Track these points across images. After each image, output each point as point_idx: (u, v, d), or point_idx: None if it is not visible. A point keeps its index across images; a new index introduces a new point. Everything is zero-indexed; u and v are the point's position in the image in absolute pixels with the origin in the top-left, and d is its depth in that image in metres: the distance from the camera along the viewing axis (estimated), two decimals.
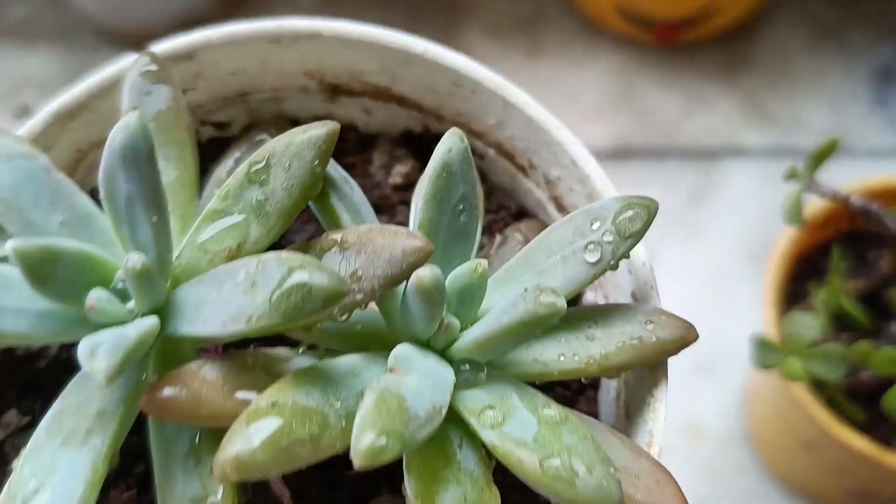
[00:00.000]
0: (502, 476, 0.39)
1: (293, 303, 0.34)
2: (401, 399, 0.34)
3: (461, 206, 0.43)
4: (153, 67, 0.47)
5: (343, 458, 0.39)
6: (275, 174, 0.41)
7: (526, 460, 0.36)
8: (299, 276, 0.34)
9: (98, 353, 0.34)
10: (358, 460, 0.32)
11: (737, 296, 1.11)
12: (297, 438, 0.34)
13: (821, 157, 0.72)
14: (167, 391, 0.36)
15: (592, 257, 0.42)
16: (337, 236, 0.40)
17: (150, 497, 0.44)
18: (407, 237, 0.38)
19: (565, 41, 1.28)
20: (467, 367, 0.40)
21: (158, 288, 0.38)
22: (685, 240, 1.15)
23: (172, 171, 0.45)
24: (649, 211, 0.43)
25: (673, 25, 1.22)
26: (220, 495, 0.37)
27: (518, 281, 0.44)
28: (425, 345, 0.41)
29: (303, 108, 0.59)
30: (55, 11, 1.59)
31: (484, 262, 0.41)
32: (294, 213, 0.41)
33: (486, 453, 0.39)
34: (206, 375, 0.37)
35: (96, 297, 0.37)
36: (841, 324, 0.83)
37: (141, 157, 0.37)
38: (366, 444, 0.32)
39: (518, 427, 0.37)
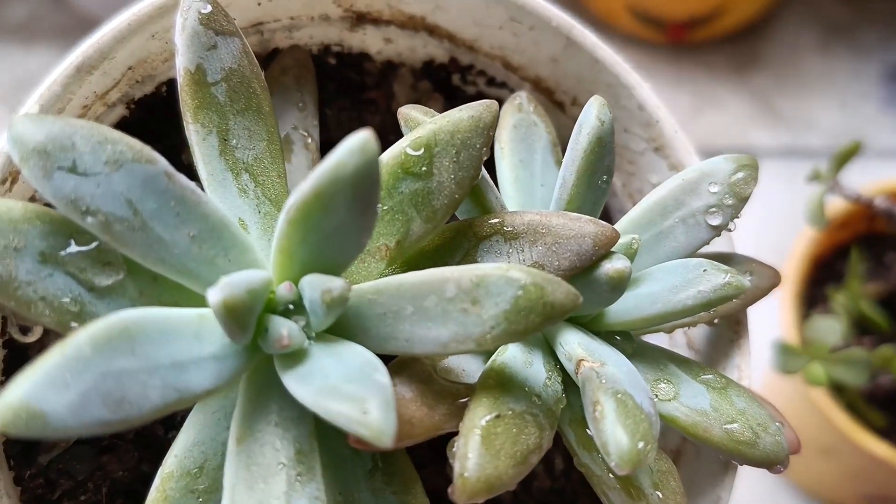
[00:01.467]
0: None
1: (532, 322, 0.31)
2: (630, 397, 0.34)
3: (604, 177, 0.41)
4: (211, 11, 0.39)
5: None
6: (439, 165, 0.37)
7: (711, 428, 0.37)
8: (535, 292, 0.31)
9: (369, 408, 0.29)
10: (623, 468, 0.31)
11: None
12: (528, 447, 0.33)
13: (844, 158, 0.71)
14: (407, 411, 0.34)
15: (715, 220, 0.42)
16: (495, 221, 0.37)
17: None
18: (594, 224, 0.36)
19: None
20: (618, 338, 0.40)
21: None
22: None
23: (258, 144, 0.39)
24: (757, 171, 0.43)
25: (683, 24, 1.20)
26: None
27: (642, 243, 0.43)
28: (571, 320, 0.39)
29: (314, 36, 0.55)
30: (55, 11, 1.57)
31: (637, 237, 0.39)
32: (460, 203, 0.38)
33: None
34: (404, 395, 0.35)
35: (288, 331, 0.32)
36: (860, 327, 0.82)
37: (372, 189, 0.31)
38: (630, 449, 0.31)
39: (692, 396, 0.38)
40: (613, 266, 0.36)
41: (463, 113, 0.38)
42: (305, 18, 0.54)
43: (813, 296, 0.89)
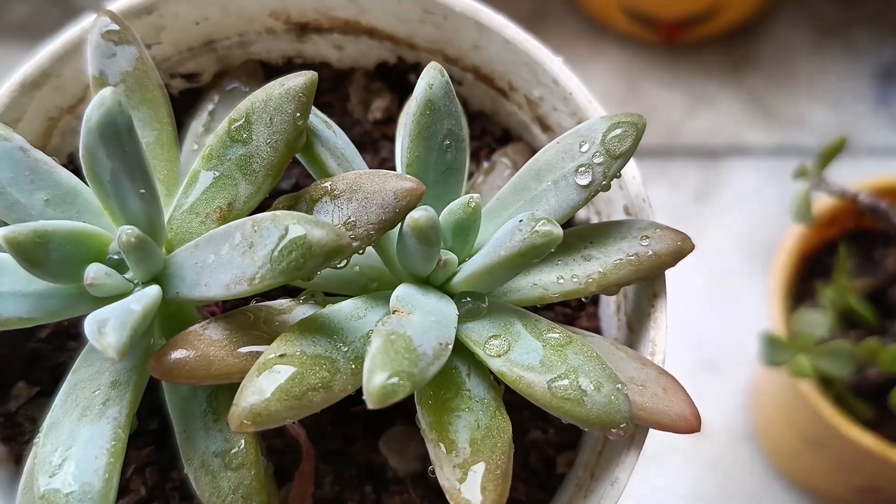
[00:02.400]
0: (511, 395, 0.39)
1: (294, 260, 0.34)
2: (408, 339, 0.34)
3: (447, 142, 0.42)
4: (114, 27, 0.45)
5: (355, 396, 0.40)
6: (257, 131, 0.40)
7: (535, 384, 0.36)
8: (296, 232, 0.34)
9: (106, 330, 0.34)
10: (371, 402, 0.32)
11: (740, 294, 1.11)
12: (309, 386, 0.34)
13: (829, 155, 0.72)
14: (175, 354, 0.37)
15: (584, 180, 0.42)
16: (326, 185, 0.40)
17: (168, 451, 0.45)
18: (397, 179, 0.38)
19: (568, 40, 1.28)
20: (468, 299, 0.40)
21: (155, 257, 0.38)
22: None
23: (149, 133, 0.44)
24: (637, 128, 0.42)
25: (677, 24, 1.21)
26: (242, 446, 0.38)
27: (511, 210, 0.43)
28: (425, 282, 0.41)
29: (272, 50, 0.57)
30: (57, 10, 1.58)
31: (476, 196, 0.41)
32: (281, 167, 0.41)
33: (495, 379, 0.39)
34: (211, 335, 0.38)
35: (95, 273, 0.37)
36: (848, 322, 0.83)
37: (121, 132, 0.36)
38: (377, 384, 0.32)
39: (524, 353, 0.38)
40: (412, 216, 0.37)
41: (276, 83, 0.41)
42: (253, 34, 0.56)
43: (801, 291, 0.90)
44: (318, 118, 0.43)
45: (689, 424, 0.40)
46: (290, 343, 0.36)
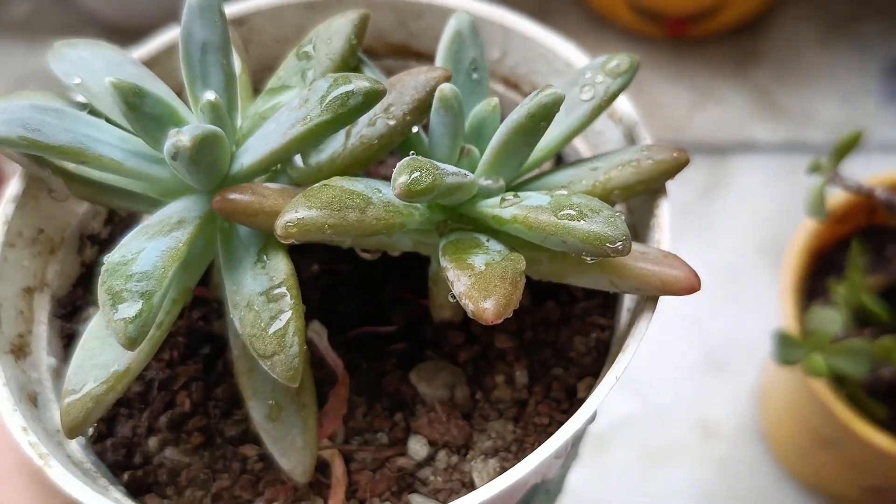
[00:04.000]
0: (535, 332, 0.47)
1: (339, 99, 0.40)
2: (430, 160, 0.39)
3: (473, 67, 0.48)
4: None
5: (390, 337, 0.49)
6: (318, 49, 0.47)
7: (542, 216, 0.39)
8: (342, 81, 0.40)
9: (183, 132, 0.40)
10: (398, 192, 0.37)
11: (749, 291, 1.09)
12: (346, 205, 0.39)
13: (844, 150, 0.70)
14: (235, 195, 0.42)
15: (586, 95, 0.46)
16: None
17: (216, 373, 0.50)
18: (429, 70, 0.44)
19: (573, 35, 1.25)
20: (489, 181, 0.43)
21: (227, 126, 0.43)
22: (696, 235, 1.13)
23: (237, 63, 0.49)
24: (631, 59, 0.47)
25: (682, 19, 1.20)
26: (283, 278, 0.41)
27: None
28: None
29: None
30: (58, 7, 1.56)
31: (495, 99, 0.45)
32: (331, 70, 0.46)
33: (511, 249, 0.42)
34: (269, 186, 0.43)
35: (176, 130, 0.41)
36: (861, 320, 0.81)
37: (214, 9, 0.42)
38: (403, 181, 0.37)
39: (534, 201, 0.41)
40: (439, 89, 0.42)
41: (340, 14, 0.48)
42: None
43: (813, 288, 0.88)
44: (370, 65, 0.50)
45: (690, 282, 0.44)
46: (332, 181, 0.41)
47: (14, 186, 0.50)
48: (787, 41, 1.25)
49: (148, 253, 0.40)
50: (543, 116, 0.41)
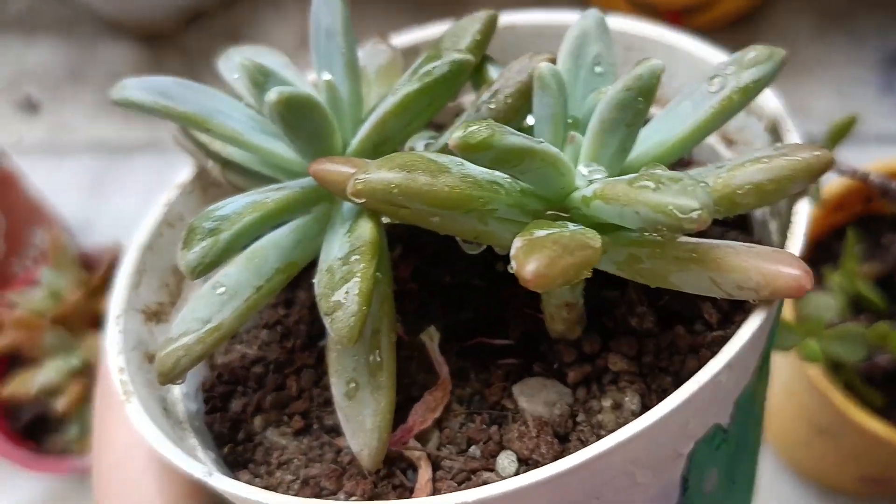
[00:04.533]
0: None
1: (427, 71, 0.41)
2: (500, 124, 0.37)
3: (597, 62, 0.44)
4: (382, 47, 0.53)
5: (504, 350, 0.47)
6: (445, 45, 0.47)
7: (617, 187, 0.36)
8: (433, 59, 0.42)
9: (273, 90, 0.40)
10: (452, 143, 0.35)
11: None
12: (420, 168, 0.37)
13: (839, 133, 0.70)
14: (328, 163, 0.42)
15: (714, 88, 0.41)
16: (489, 83, 0.45)
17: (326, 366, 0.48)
18: (534, 56, 0.43)
19: None
20: (589, 168, 0.40)
21: (345, 107, 0.45)
22: None
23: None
24: (773, 52, 0.42)
25: (678, 12, 1.20)
26: (361, 246, 0.41)
27: (649, 124, 0.44)
28: None
29: None
30: (55, 3, 1.56)
31: (608, 87, 0.41)
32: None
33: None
34: (366, 161, 0.42)
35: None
36: (856, 307, 0.81)
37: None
38: (458, 134, 0.35)
39: (618, 178, 0.38)
40: (537, 66, 0.40)
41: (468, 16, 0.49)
42: None
43: None
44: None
45: (797, 280, 0.37)
46: (416, 152, 0.41)
47: (182, 175, 0.53)
48: (783, 33, 1.24)
49: (235, 203, 0.42)
50: (641, 90, 0.37)
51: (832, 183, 0.84)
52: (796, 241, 0.41)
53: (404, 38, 0.56)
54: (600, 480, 0.38)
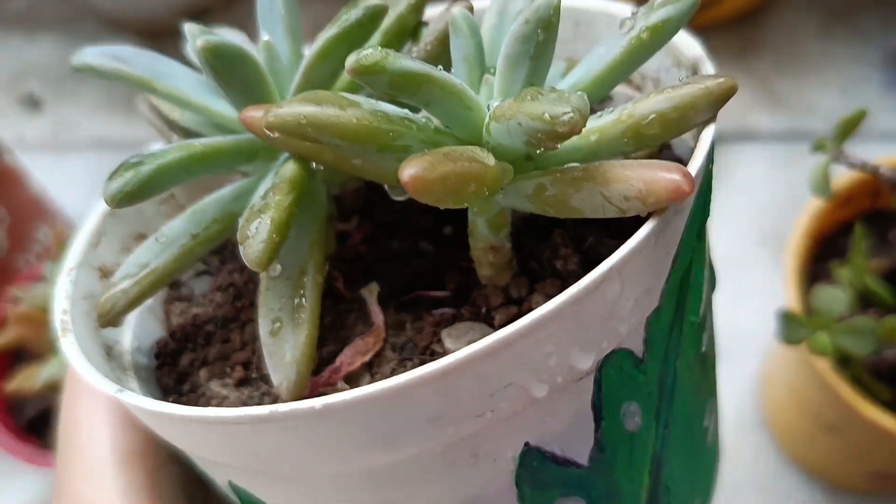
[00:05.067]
0: None
1: (344, 17, 0.42)
2: (400, 53, 0.38)
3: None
4: None
5: (438, 303, 0.46)
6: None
7: (505, 103, 0.37)
8: (353, 6, 0.42)
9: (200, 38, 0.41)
10: (347, 68, 0.35)
11: (749, 281, 1.08)
12: (330, 102, 0.37)
13: (849, 127, 0.69)
14: (253, 109, 0.42)
15: (625, 29, 0.41)
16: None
17: None
18: (452, 4, 0.42)
19: None
20: (497, 101, 0.40)
21: (283, 67, 0.45)
22: None
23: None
24: None
25: None
26: (280, 184, 0.41)
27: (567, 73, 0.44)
28: None
29: None
30: (57, 0, 1.55)
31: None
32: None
33: None
34: None
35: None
36: (864, 303, 0.80)
37: None
38: (353, 58, 0.35)
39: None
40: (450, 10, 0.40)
41: None
42: None
43: (815, 272, 0.88)
44: None
45: (674, 183, 0.37)
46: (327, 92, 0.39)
47: (150, 148, 0.54)
48: (787, 30, 1.24)
49: (167, 146, 0.43)
50: (538, 21, 0.37)
51: (839, 178, 0.84)
52: (696, 160, 0.40)
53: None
54: (491, 387, 0.37)
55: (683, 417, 0.49)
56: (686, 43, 0.48)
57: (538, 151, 0.40)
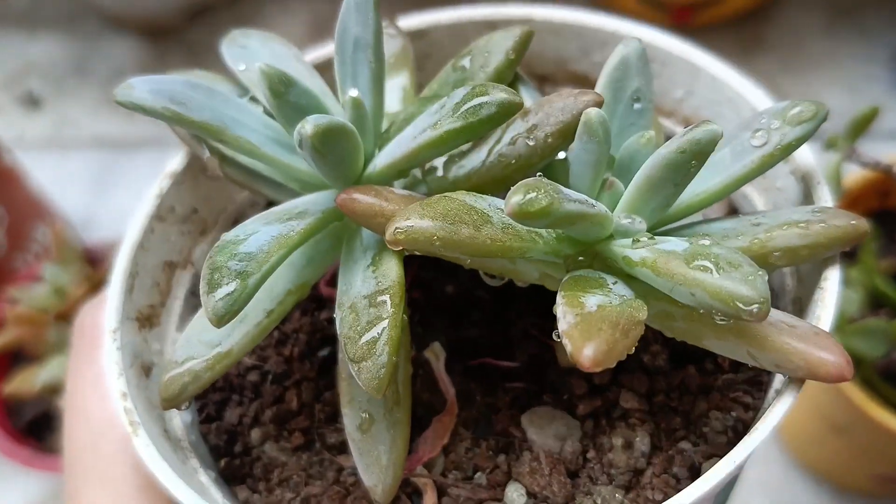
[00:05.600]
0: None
1: (472, 107, 0.38)
2: (553, 183, 0.35)
3: (636, 98, 0.43)
4: (392, 31, 0.51)
5: (511, 374, 0.46)
6: (474, 62, 0.45)
7: (672, 263, 0.35)
8: (480, 94, 0.39)
9: (308, 120, 0.38)
10: (509, 210, 0.33)
11: None
12: (463, 219, 0.36)
13: (861, 125, 0.68)
14: (358, 194, 0.40)
15: (757, 142, 0.40)
16: (524, 111, 0.42)
17: (329, 377, 0.48)
18: (580, 93, 0.40)
19: None
20: (628, 220, 0.39)
21: (369, 125, 0.42)
22: None
23: (400, 78, 0.50)
24: (818, 107, 0.40)
25: (687, 7, 1.18)
26: (389, 286, 0.39)
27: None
28: None
29: None
30: None
31: (651, 132, 0.40)
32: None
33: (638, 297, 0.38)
34: (394, 191, 0.41)
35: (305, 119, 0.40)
36: (874, 303, 0.79)
37: (369, 6, 0.41)
38: (517, 200, 0.33)
39: (669, 246, 0.37)
40: (585, 112, 0.38)
41: (501, 30, 0.46)
42: None
43: None
44: (529, 85, 0.47)
45: (839, 368, 0.36)
46: (454, 194, 0.38)
47: (174, 164, 0.50)
48: (793, 29, 1.23)
49: (259, 236, 0.39)
50: (696, 154, 0.36)
51: (847, 178, 0.83)
52: (828, 312, 0.40)
53: (410, 22, 0.54)
54: None
55: None
56: (802, 154, 0.46)
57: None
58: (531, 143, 0.40)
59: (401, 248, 0.36)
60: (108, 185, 1.28)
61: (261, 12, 1.41)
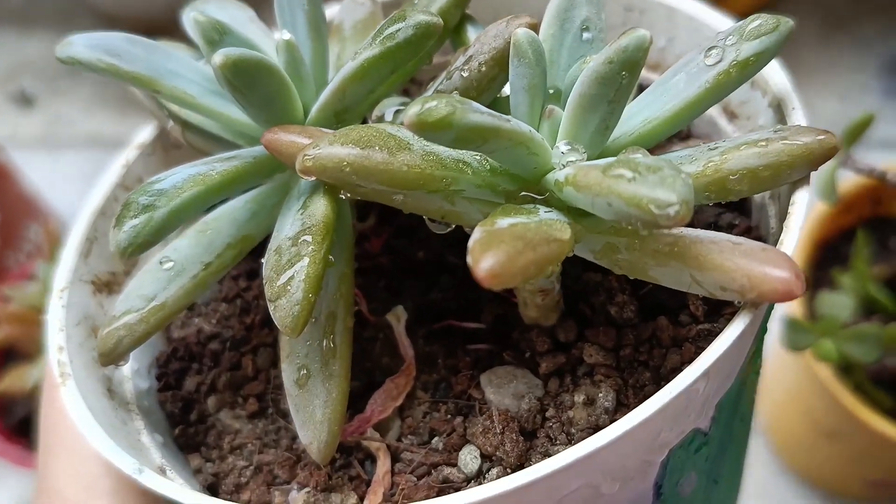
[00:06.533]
0: None
1: (389, 35, 0.37)
2: (463, 98, 0.32)
3: (585, 27, 0.39)
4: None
5: (475, 334, 0.43)
6: (420, 2, 0.42)
7: (590, 174, 0.31)
8: (398, 20, 0.37)
9: (220, 51, 0.37)
10: (407, 122, 0.31)
11: None
12: (376, 144, 0.34)
13: (857, 132, 0.68)
14: (281, 132, 0.38)
15: (711, 60, 0.36)
16: (465, 47, 0.41)
17: None
18: (512, 19, 0.38)
19: None
20: (568, 147, 0.36)
21: (306, 70, 0.41)
22: None
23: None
24: (779, 21, 0.36)
25: None
26: (313, 227, 0.37)
27: (638, 98, 0.39)
28: None
29: None
30: None
31: (593, 56, 0.35)
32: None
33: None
34: (322, 130, 0.39)
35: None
36: (867, 309, 0.80)
37: None
38: (415, 110, 0.31)
39: (594, 162, 0.33)
40: (514, 33, 0.36)
41: None
42: None
43: (817, 278, 0.87)
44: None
45: (785, 284, 0.32)
46: (375, 124, 0.36)
47: (142, 136, 0.49)
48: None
49: (177, 176, 0.39)
50: (624, 63, 0.33)
51: (841, 185, 0.83)
52: (791, 235, 0.36)
53: None
54: (560, 493, 0.34)
55: (732, 470, 0.47)
56: (772, 71, 0.43)
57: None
58: (466, 75, 0.38)
59: (312, 177, 0.34)
60: None
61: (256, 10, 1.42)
